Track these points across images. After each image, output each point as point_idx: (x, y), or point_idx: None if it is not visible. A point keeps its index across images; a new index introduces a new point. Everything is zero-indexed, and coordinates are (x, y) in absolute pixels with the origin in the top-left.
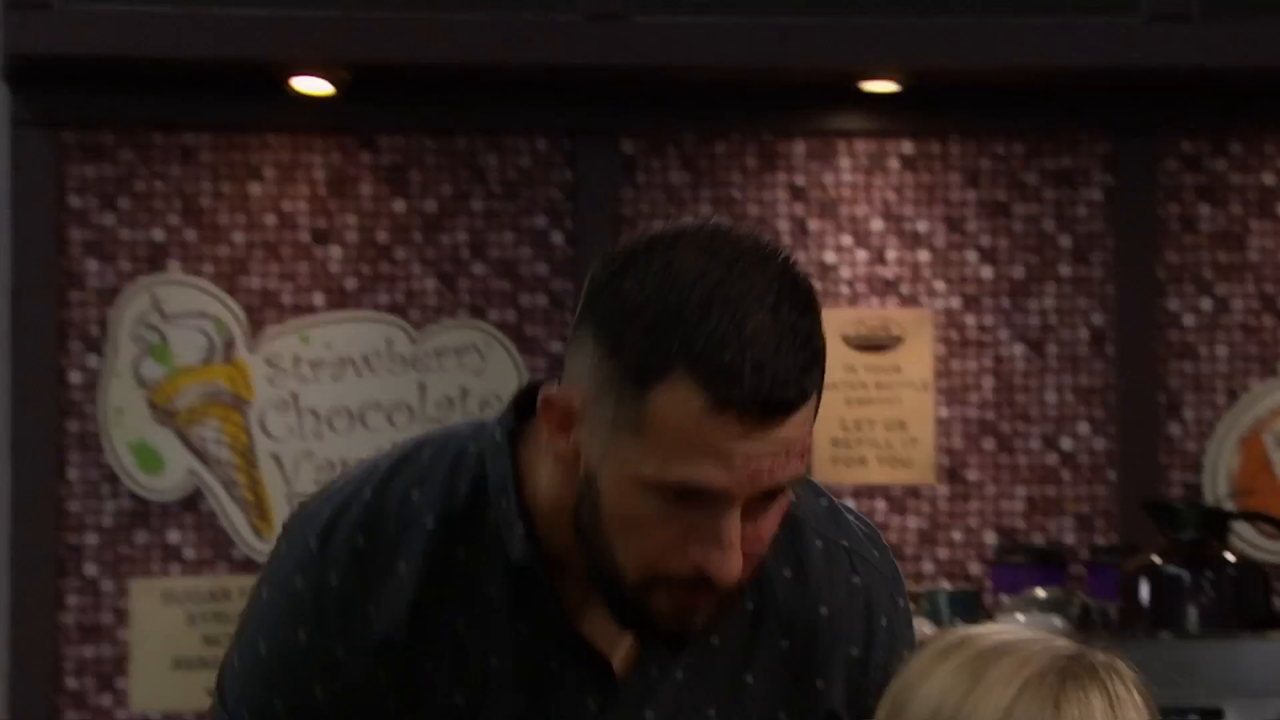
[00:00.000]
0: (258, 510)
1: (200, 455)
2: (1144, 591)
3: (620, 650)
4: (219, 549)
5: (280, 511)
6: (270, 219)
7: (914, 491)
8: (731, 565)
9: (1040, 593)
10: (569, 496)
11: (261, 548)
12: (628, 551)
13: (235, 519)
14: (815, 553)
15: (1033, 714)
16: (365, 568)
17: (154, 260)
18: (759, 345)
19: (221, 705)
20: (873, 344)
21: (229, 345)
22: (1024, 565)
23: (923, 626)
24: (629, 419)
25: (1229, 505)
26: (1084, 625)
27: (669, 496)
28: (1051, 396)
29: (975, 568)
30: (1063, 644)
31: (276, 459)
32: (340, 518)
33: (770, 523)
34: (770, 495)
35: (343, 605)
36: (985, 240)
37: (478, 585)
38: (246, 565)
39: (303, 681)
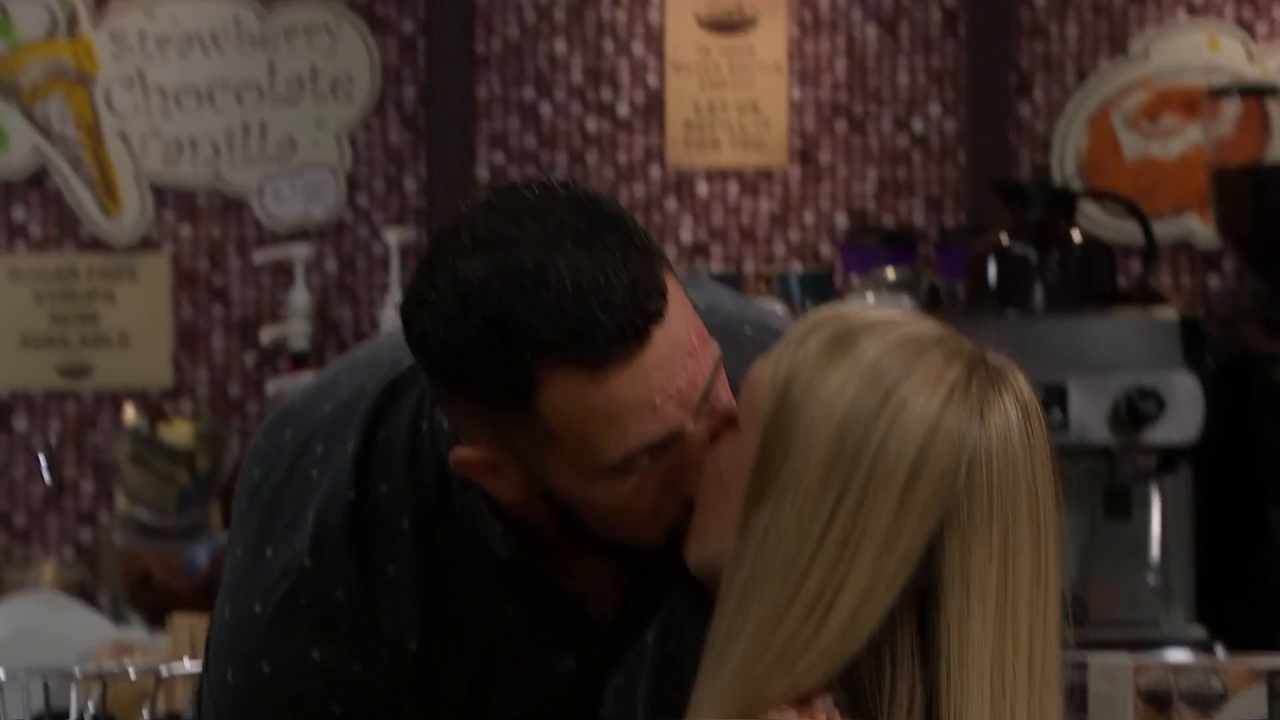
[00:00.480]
0: (105, 189)
1: (45, 132)
2: (991, 271)
3: (606, 591)
4: (66, 227)
5: (128, 191)
6: None
7: (766, 174)
8: None
9: (890, 273)
10: (539, 512)
11: (109, 227)
12: (631, 529)
13: (82, 197)
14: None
15: (960, 426)
16: (366, 578)
17: None
18: (589, 289)
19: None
20: (726, 25)
21: (72, 20)
22: (874, 246)
23: (775, 309)
24: (540, 436)
25: (1077, 185)
26: (932, 305)
27: (629, 470)
28: (904, 78)
29: (826, 249)
30: (965, 342)
31: (123, 137)
32: (326, 523)
33: (722, 389)
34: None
35: (354, 621)
36: None
37: (464, 569)
38: (94, 244)
39: (318, 700)
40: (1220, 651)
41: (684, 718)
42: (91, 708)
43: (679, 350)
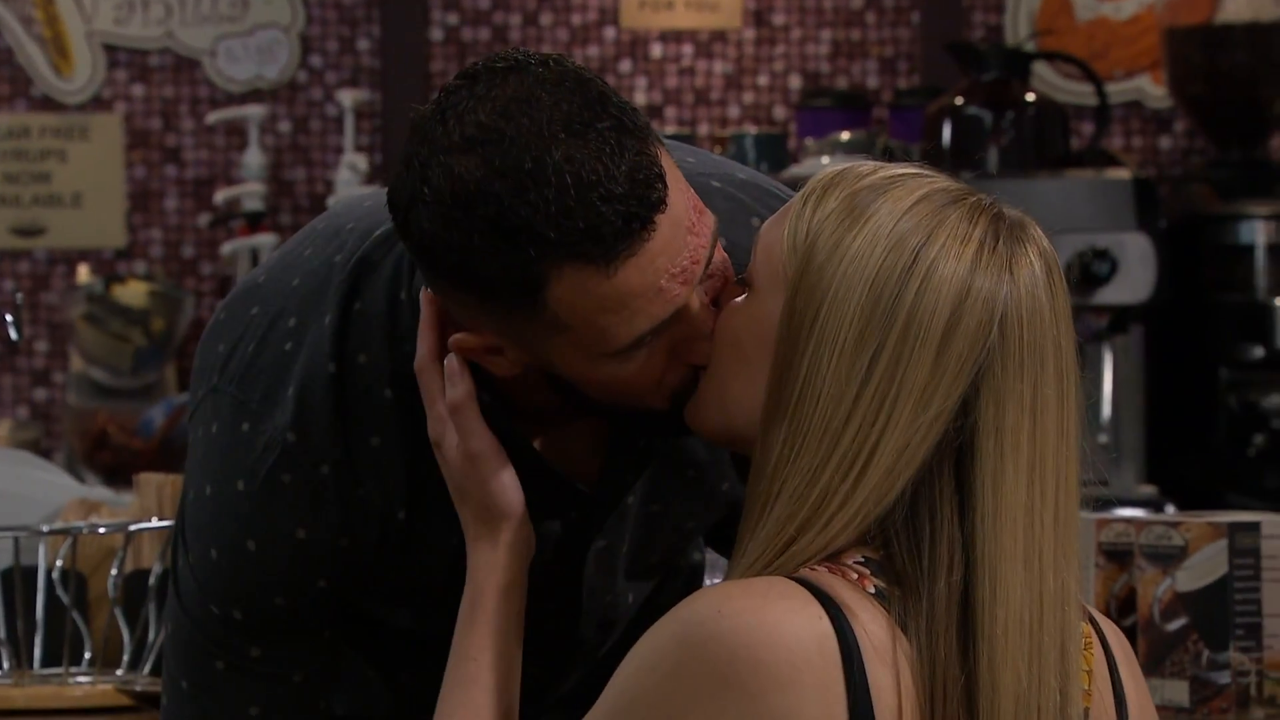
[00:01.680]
0: (56, 48)
1: None
2: (946, 133)
3: (586, 458)
4: (17, 86)
5: (80, 49)
6: None
7: (720, 36)
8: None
9: (844, 136)
10: (534, 384)
11: (61, 86)
12: (636, 399)
13: (34, 55)
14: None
15: (992, 282)
16: (351, 451)
17: None
18: (589, 182)
19: (186, 606)
20: None
21: None
22: (828, 109)
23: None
24: (547, 326)
25: (1030, 46)
26: None
27: (636, 349)
28: None
29: (780, 112)
30: (982, 196)
31: None
32: (307, 398)
33: (718, 256)
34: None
35: (340, 496)
36: None
37: None
38: (45, 104)
39: (304, 576)
40: (1171, 510)
41: (656, 578)
42: (60, 565)
43: (680, 230)
